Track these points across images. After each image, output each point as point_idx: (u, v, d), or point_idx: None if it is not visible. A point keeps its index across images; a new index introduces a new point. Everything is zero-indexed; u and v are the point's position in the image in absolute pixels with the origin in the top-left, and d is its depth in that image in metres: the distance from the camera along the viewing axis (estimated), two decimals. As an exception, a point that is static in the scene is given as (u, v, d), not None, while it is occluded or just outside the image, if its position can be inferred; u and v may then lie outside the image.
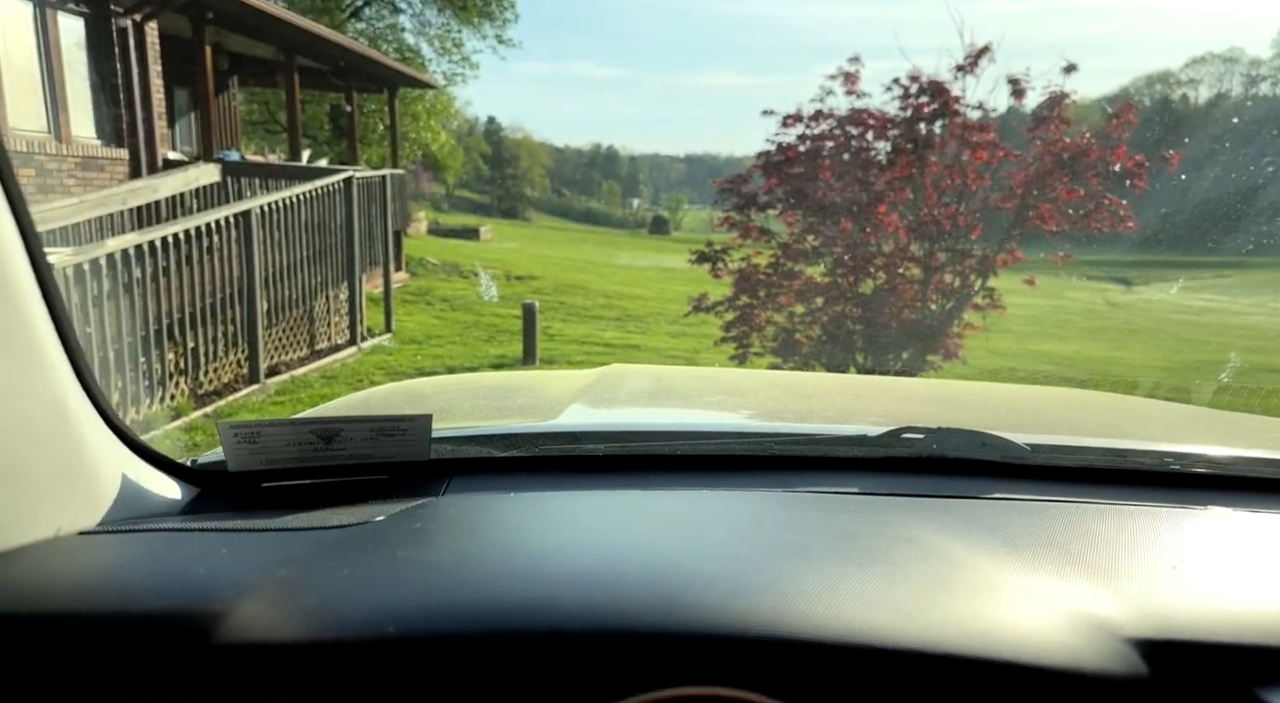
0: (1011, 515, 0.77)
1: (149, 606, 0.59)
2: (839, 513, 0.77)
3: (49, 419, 0.67)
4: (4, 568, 0.61)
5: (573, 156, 72.11)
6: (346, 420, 0.81)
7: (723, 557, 0.66)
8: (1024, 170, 5.86)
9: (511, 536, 0.70)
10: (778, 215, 6.41)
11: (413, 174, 19.13)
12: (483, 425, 1.16)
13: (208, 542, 0.69)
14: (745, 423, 1.30)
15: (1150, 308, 16.63)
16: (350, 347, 7.51)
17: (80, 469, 0.70)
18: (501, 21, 21.00)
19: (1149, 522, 0.78)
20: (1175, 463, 0.93)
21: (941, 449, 0.92)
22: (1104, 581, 0.65)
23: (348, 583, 0.61)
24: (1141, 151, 5.96)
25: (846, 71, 6.13)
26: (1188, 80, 43.22)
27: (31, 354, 0.65)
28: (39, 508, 0.66)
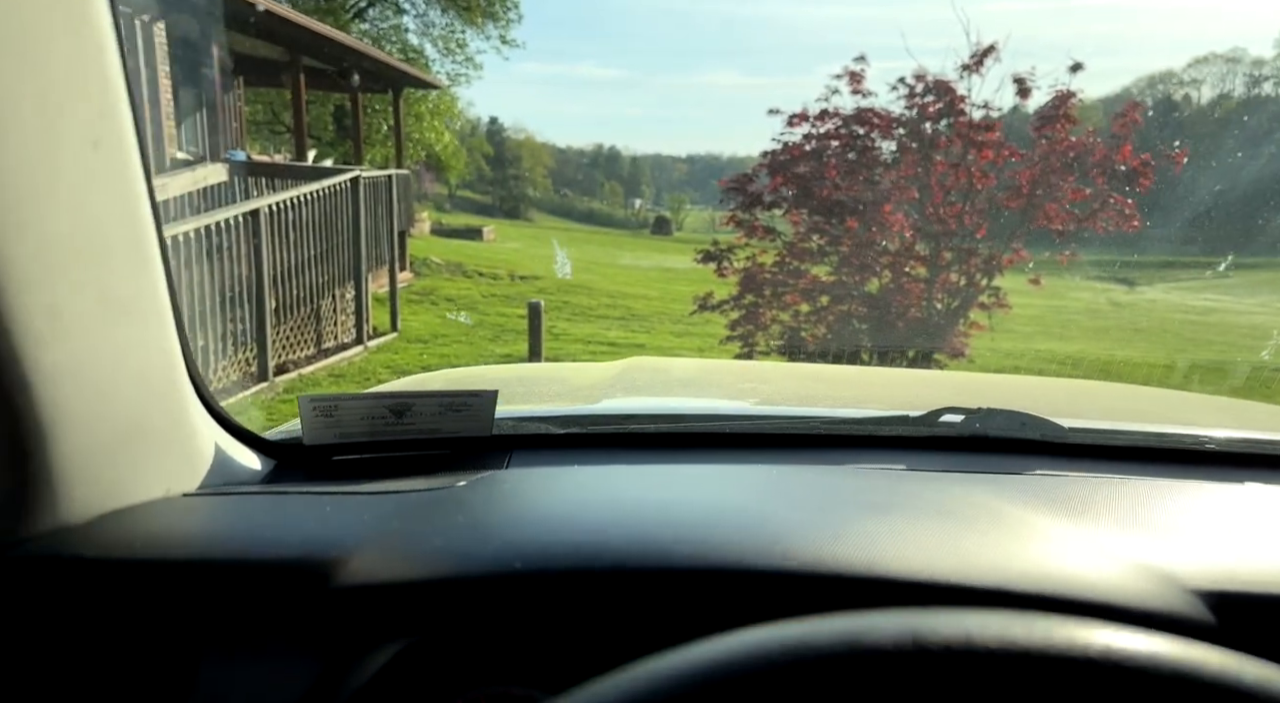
0: (1059, 487, 0.79)
1: (269, 554, 0.62)
2: (892, 483, 0.80)
3: (165, 387, 0.72)
4: (130, 523, 0.65)
5: (575, 157, 72.25)
6: (417, 395, 0.84)
7: (800, 513, 0.68)
8: (1030, 169, 5.88)
9: (594, 497, 0.74)
10: (783, 215, 6.43)
11: (416, 174, 19.16)
12: (533, 408, 1.19)
13: (311, 501, 0.73)
14: (785, 407, 1.33)
15: (1153, 308, 16.62)
16: (357, 345, 7.54)
17: (183, 436, 0.75)
18: (505, 22, 21.05)
19: (1192, 494, 0.80)
20: (1211, 444, 0.95)
21: (984, 428, 0.94)
22: (1162, 539, 0.67)
23: (467, 528, 0.65)
24: (1146, 151, 5.98)
25: (852, 71, 6.15)
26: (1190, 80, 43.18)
27: (157, 327, 0.70)
28: (152, 470, 0.70)
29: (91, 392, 0.63)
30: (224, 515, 0.70)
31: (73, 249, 0.61)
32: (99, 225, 0.64)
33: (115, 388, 0.66)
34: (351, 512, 0.70)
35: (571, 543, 0.61)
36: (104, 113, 0.63)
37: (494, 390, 0.86)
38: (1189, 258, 20.67)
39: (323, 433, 0.82)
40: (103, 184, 0.63)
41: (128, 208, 0.66)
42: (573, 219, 50.35)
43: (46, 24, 0.57)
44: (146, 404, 0.70)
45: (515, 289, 12.11)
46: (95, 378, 0.63)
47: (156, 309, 0.70)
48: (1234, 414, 1.47)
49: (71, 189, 0.60)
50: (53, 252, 0.59)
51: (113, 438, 0.66)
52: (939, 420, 0.98)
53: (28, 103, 0.56)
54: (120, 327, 0.66)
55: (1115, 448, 0.95)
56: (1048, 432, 0.95)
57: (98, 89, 0.62)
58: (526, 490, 0.75)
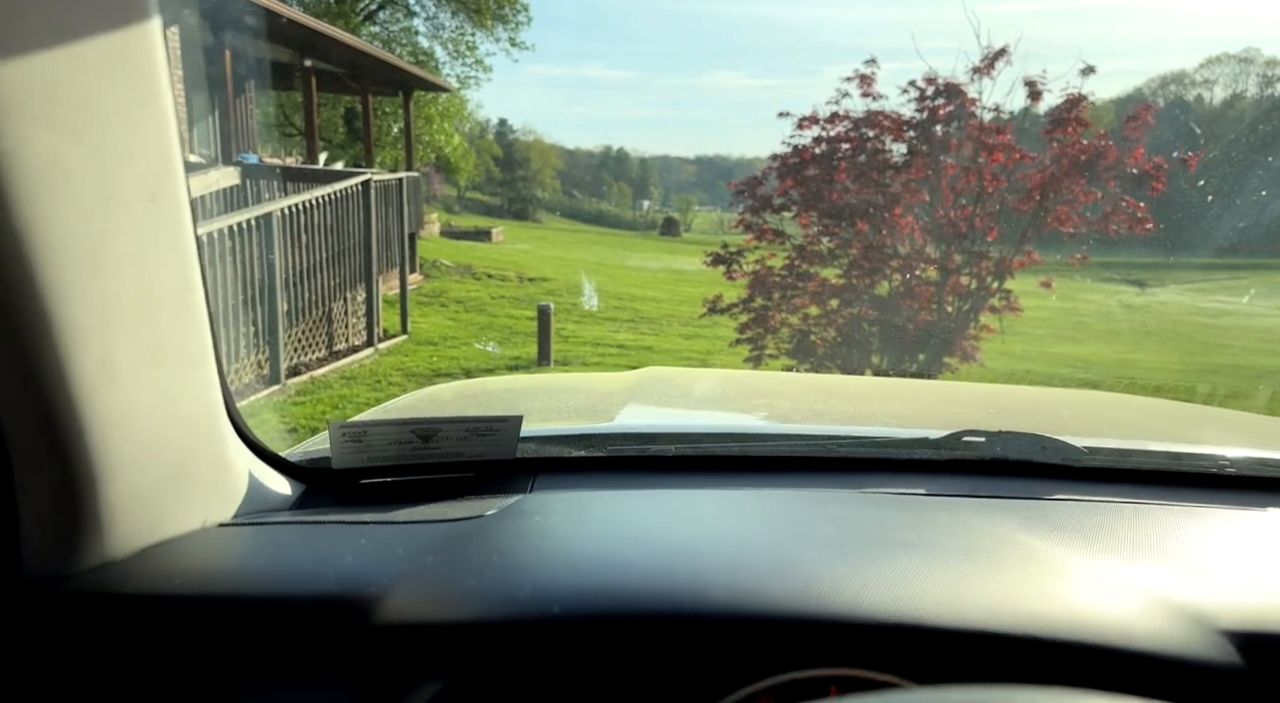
0: (1078, 514, 0.80)
1: (306, 590, 0.63)
2: (915, 512, 0.80)
3: (206, 427, 0.73)
4: (170, 557, 0.67)
5: (583, 159, 72.30)
6: (444, 421, 0.86)
7: (830, 552, 0.69)
8: (1041, 172, 5.86)
9: (626, 531, 0.75)
10: (792, 217, 6.42)
11: (426, 176, 19.23)
12: (557, 426, 1.21)
13: (345, 533, 0.74)
14: (805, 426, 1.35)
15: (1165, 310, 16.51)
16: (367, 348, 7.57)
17: (221, 468, 0.76)
18: (514, 24, 21.09)
19: (1214, 521, 0.80)
20: (1231, 467, 0.95)
21: (1004, 452, 0.95)
22: (1186, 574, 0.66)
23: (502, 568, 0.65)
24: (1157, 153, 5.95)
25: (862, 73, 6.15)
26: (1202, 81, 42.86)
27: (202, 371, 0.72)
28: (191, 502, 0.72)
29: (140, 435, 0.65)
30: (260, 547, 0.72)
31: (128, 301, 0.62)
32: (153, 277, 0.65)
33: (162, 431, 0.68)
34: (385, 545, 0.71)
35: (606, 586, 0.62)
36: (161, 167, 0.64)
37: (519, 416, 0.87)
38: (1201, 260, 20.54)
39: (351, 458, 0.84)
40: (158, 237, 0.65)
41: (180, 259, 0.68)
42: (581, 220, 50.38)
43: (108, 80, 0.58)
44: (190, 444, 0.72)
45: (524, 291, 12.14)
46: (144, 422, 0.65)
47: (202, 354, 0.72)
48: (1255, 433, 1.46)
49: (129, 243, 0.62)
50: (109, 304, 0.60)
51: (158, 477, 0.68)
52: (960, 443, 0.99)
53: (88, 159, 0.57)
54: (168, 372, 0.68)
55: (1133, 471, 0.95)
56: (1067, 455, 0.95)
57: (155, 143, 0.63)
58: (554, 521, 0.76)
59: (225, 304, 5.58)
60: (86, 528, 0.62)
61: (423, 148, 18.70)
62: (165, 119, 0.64)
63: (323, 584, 0.64)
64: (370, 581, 0.64)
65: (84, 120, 0.57)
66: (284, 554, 0.70)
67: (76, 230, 0.56)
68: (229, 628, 0.61)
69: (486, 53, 21.53)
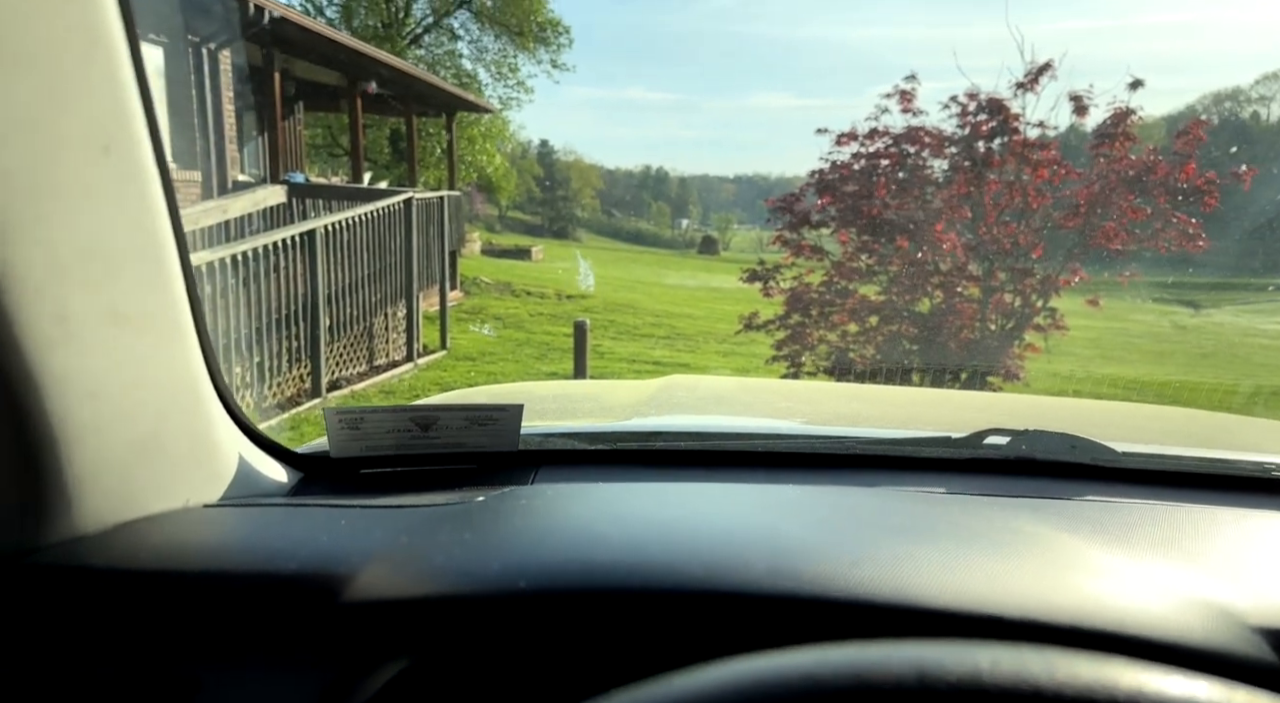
0: (1108, 514, 0.75)
1: (278, 568, 0.62)
2: (930, 508, 0.75)
3: (186, 400, 0.72)
4: (144, 533, 0.66)
5: (623, 178, 72.85)
6: (443, 409, 0.84)
7: (824, 535, 0.65)
8: (1087, 188, 5.73)
9: (612, 514, 0.72)
10: (830, 234, 6.37)
11: (468, 196, 19.54)
12: (564, 424, 1.18)
13: (326, 515, 0.73)
14: (822, 427, 1.29)
15: (1221, 331, 15.98)
16: (407, 363, 7.67)
17: (205, 448, 0.75)
18: (556, 47, 21.43)
19: (1257, 524, 0.75)
20: (1278, 471, 0.88)
21: (1030, 451, 0.90)
22: (1219, 573, 0.63)
23: (474, 546, 0.64)
24: (1210, 169, 5.78)
25: (903, 90, 6.10)
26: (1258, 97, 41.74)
27: (177, 340, 0.70)
28: (172, 481, 0.71)
29: (104, 401, 0.63)
30: (238, 527, 0.71)
31: (81, 256, 0.60)
32: (109, 233, 0.62)
33: (130, 399, 0.65)
34: (363, 527, 0.69)
35: (578, 561, 0.60)
36: (115, 117, 0.61)
37: (520, 405, 0.85)
38: (1260, 280, 19.86)
39: (349, 445, 0.82)
40: (114, 191, 0.62)
41: (141, 217, 0.65)
42: (620, 239, 50.68)
43: (54, 24, 0.56)
44: (165, 416, 0.69)
45: (562, 308, 12.21)
46: (107, 387, 0.63)
47: (175, 321, 0.70)
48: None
49: (80, 194, 0.59)
50: (60, 257, 0.58)
51: (128, 449, 0.66)
52: (982, 443, 0.94)
53: (34, 104, 0.54)
54: (134, 337, 0.65)
55: (1172, 473, 0.89)
56: (1099, 455, 0.90)
57: (107, 90, 0.60)
58: (543, 506, 0.73)
59: (269, 319, 5.70)
60: (52, 498, 0.61)
61: (465, 168, 19.03)
62: (117, 64, 0.60)
63: (295, 562, 0.62)
64: (342, 560, 0.62)
65: (27, 67, 0.53)
66: (259, 535, 0.69)
67: (18, 179, 0.54)
68: (195, 605, 0.60)
69: (528, 74, 21.87)
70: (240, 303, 5.40)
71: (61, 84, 0.57)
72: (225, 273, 5.17)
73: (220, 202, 7.16)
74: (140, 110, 0.63)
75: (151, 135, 0.65)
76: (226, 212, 7.00)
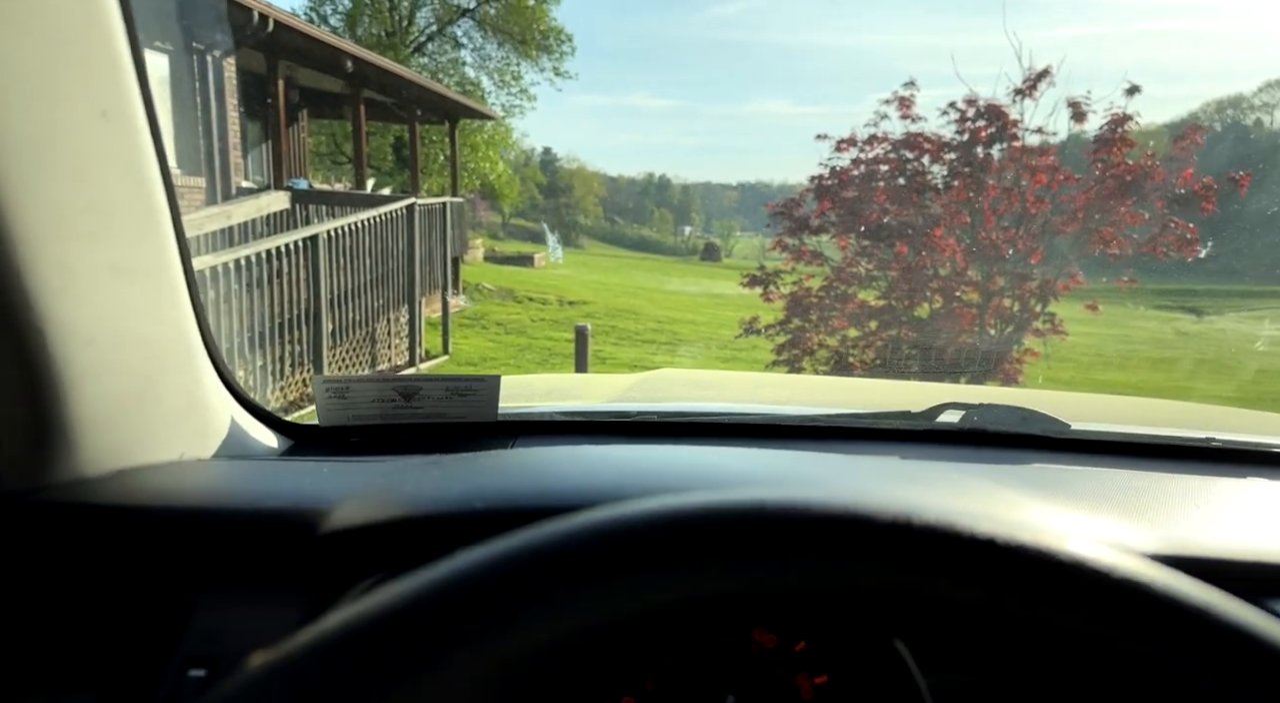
0: (1050, 476, 0.79)
1: (262, 506, 0.68)
2: (886, 466, 0.80)
3: (178, 355, 0.76)
4: (141, 479, 0.71)
5: (626, 185, 72.98)
6: (424, 379, 0.89)
7: (787, 478, 0.71)
8: (1085, 193, 5.76)
9: (577, 460, 0.78)
10: (830, 239, 6.40)
11: (471, 203, 19.61)
12: (544, 405, 1.23)
13: (310, 466, 0.79)
14: (789, 408, 1.34)
15: (1224, 338, 15.95)
16: (409, 368, 7.70)
17: (198, 407, 0.79)
18: (559, 55, 21.51)
19: (1184, 483, 0.78)
20: (1219, 443, 0.92)
21: (983, 423, 0.94)
22: (1131, 516, 0.68)
23: (440, 479, 0.70)
24: (1210, 174, 5.80)
25: (901, 96, 6.13)
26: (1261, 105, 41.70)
27: (169, 294, 0.74)
28: (166, 434, 0.76)
29: (101, 349, 0.67)
30: (229, 477, 0.76)
31: (81, 211, 0.64)
32: (106, 192, 0.66)
33: (125, 348, 0.70)
34: (344, 473, 0.75)
35: (533, 489, 0.66)
36: (112, 83, 0.65)
37: (497, 376, 0.90)
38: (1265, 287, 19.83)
39: (337, 414, 0.87)
40: (110, 153, 0.66)
41: (136, 177, 0.69)
42: (623, 246, 50.75)
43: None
44: (159, 368, 0.74)
45: (564, 314, 12.25)
46: (104, 335, 0.67)
47: (167, 277, 0.74)
48: (1253, 420, 1.42)
49: (78, 155, 0.63)
50: (61, 212, 0.62)
51: (124, 398, 0.70)
52: (938, 417, 0.97)
53: (32, 68, 0.58)
54: (129, 288, 0.70)
55: (1119, 444, 0.92)
56: (1049, 427, 0.93)
57: (105, 60, 0.64)
58: (514, 457, 0.78)
59: (273, 323, 5.74)
60: (56, 441, 0.66)
61: (468, 175, 19.10)
62: (114, 35, 0.64)
63: (277, 502, 0.68)
64: (321, 498, 0.68)
65: (26, 33, 0.57)
66: (247, 483, 0.75)
67: (22, 127, 0.58)
68: (188, 540, 0.65)
69: (531, 82, 21.99)
70: (244, 307, 5.44)
71: (63, 51, 0.60)
72: (229, 277, 5.21)
73: (224, 207, 7.21)
74: (134, 78, 0.67)
75: (145, 102, 0.69)
76: (230, 217, 7.05)
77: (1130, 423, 1.30)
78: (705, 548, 0.33)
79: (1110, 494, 0.72)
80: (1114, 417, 1.38)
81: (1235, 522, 0.69)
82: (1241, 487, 0.80)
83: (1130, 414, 1.44)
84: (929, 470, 0.79)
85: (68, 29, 0.61)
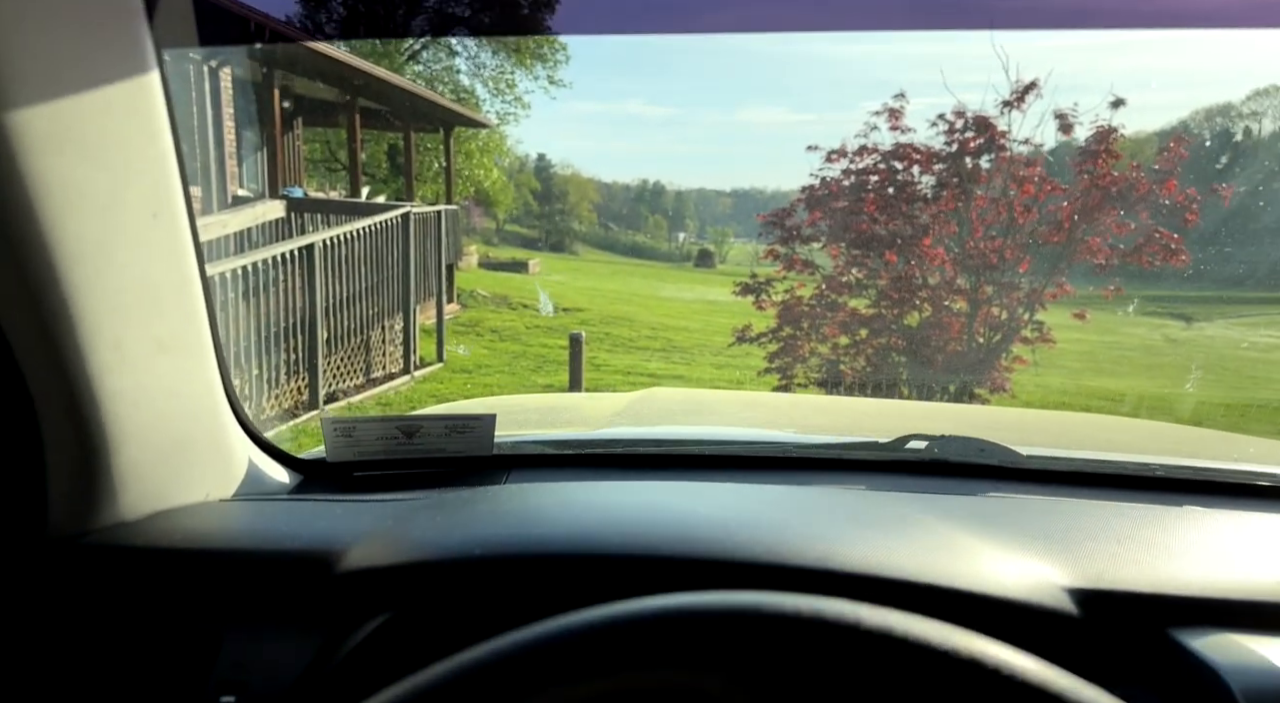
0: (1001, 508, 0.87)
1: (282, 547, 0.76)
2: (850, 501, 0.87)
3: (207, 410, 0.86)
4: (174, 521, 0.80)
5: (620, 192, 73.02)
6: (425, 418, 0.96)
7: (755, 519, 0.78)
8: (1071, 204, 5.85)
9: (567, 502, 0.84)
10: (821, 248, 6.48)
11: (465, 210, 19.65)
12: (537, 433, 1.30)
13: (324, 507, 0.87)
14: (769, 434, 1.42)
15: (1212, 344, 16.07)
16: (404, 375, 7.74)
17: (222, 450, 0.88)
18: (553, 63, 21.58)
19: (1124, 514, 0.84)
20: (1160, 470, 0.99)
21: (944, 454, 1.01)
22: (1059, 551, 0.74)
23: (443, 525, 0.78)
24: (1205, 184, 5.91)
25: (891, 108, 6.22)
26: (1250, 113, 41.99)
27: (202, 360, 0.84)
28: (195, 478, 0.85)
29: (147, 411, 0.76)
30: (250, 518, 0.84)
31: (134, 299, 0.74)
32: (156, 280, 0.77)
33: (166, 410, 0.79)
34: (355, 514, 0.83)
35: (525, 535, 0.73)
36: (162, 191, 0.75)
37: (493, 414, 0.97)
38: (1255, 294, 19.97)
39: (343, 451, 0.95)
40: (159, 247, 0.76)
41: (180, 266, 0.79)
42: (617, 252, 50.78)
43: (114, 117, 0.70)
44: (191, 423, 0.83)
45: (558, 321, 12.30)
46: (150, 400, 0.76)
47: (201, 346, 0.84)
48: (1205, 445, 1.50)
49: (133, 250, 0.73)
50: (117, 300, 0.71)
51: (162, 450, 0.79)
52: (904, 447, 1.05)
53: (96, 180, 0.68)
54: (171, 360, 0.79)
55: (1065, 473, 0.99)
56: (1004, 458, 1.00)
57: (157, 171, 0.75)
58: (508, 497, 0.85)
59: (267, 332, 5.78)
60: (101, 491, 0.75)
61: (463, 182, 19.14)
62: (165, 151, 0.75)
63: (296, 543, 0.76)
64: (335, 540, 0.76)
65: (93, 149, 0.68)
66: (268, 523, 0.83)
67: (90, 235, 0.67)
68: (217, 580, 0.73)
69: (526, 90, 22.01)
70: (239, 316, 5.48)
71: (123, 166, 0.71)
72: (225, 286, 5.25)
73: (220, 216, 7.25)
74: (179, 181, 0.78)
75: (186, 201, 0.79)
76: (226, 226, 7.09)
77: (1087, 446, 1.38)
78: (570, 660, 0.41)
79: (1051, 526, 0.79)
80: (1072, 438, 1.45)
81: (1159, 554, 0.74)
82: (1178, 516, 0.86)
83: (1084, 437, 1.51)
84: (889, 505, 0.86)
85: (128, 150, 0.71)
